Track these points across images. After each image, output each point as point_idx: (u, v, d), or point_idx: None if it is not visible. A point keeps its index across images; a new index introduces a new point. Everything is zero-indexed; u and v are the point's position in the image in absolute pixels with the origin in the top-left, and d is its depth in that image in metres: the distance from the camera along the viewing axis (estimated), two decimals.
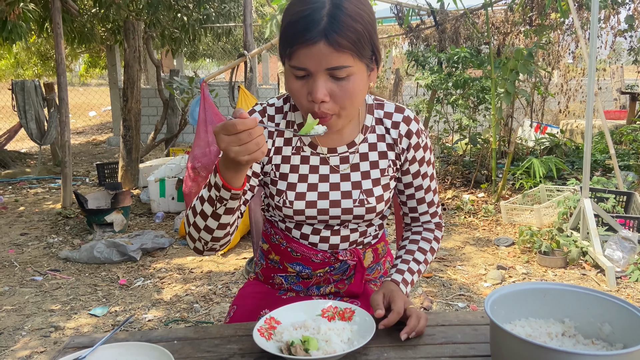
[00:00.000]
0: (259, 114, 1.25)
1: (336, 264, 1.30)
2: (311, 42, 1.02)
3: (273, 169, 1.25)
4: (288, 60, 1.07)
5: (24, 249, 4.12)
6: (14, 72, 13.12)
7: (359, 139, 1.24)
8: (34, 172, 6.94)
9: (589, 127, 3.49)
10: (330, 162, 1.24)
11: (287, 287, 1.36)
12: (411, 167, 1.27)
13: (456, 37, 6.19)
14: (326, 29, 1.02)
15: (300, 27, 1.03)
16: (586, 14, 5.69)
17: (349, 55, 1.05)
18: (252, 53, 4.67)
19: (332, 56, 1.03)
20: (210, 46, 13.72)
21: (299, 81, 1.09)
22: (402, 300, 1.14)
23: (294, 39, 1.04)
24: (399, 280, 1.22)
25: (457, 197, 5.23)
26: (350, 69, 1.06)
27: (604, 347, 0.97)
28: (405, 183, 1.31)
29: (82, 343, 1.10)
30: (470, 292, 3.22)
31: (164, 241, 4.07)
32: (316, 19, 1.02)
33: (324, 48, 1.02)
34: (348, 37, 1.03)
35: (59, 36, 5.08)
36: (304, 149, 1.24)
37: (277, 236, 1.32)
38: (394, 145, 1.25)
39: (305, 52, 1.04)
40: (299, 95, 1.10)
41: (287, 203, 1.23)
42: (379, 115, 1.26)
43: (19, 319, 2.96)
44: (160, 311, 3.03)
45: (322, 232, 1.27)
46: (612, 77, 9.86)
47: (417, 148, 1.26)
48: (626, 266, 3.37)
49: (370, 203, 1.23)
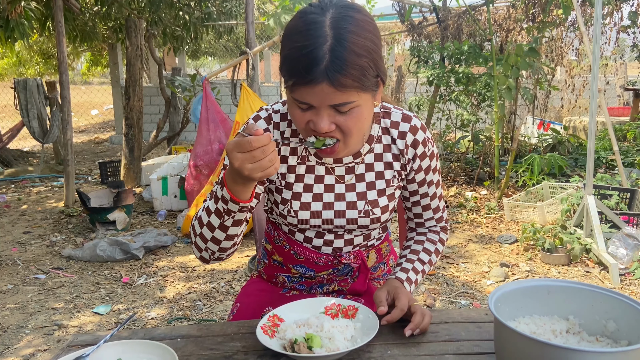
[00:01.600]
0: (264, 121, 1.22)
1: (339, 266, 1.30)
2: (313, 83, 0.98)
3: (278, 177, 1.23)
4: (290, 91, 1.04)
5: (27, 248, 4.13)
6: (16, 70, 13.14)
7: (365, 149, 1.22)
8: (36, 170, 6.95)
9: (593, 124, 3.48)
10: (335, 173, 1.22)
11: (290, 285, 1.36)
12: (417, 176, 1.26)
13: (458, 34, 6.17)
14: (328, 69, 0.97)
15: (301, 65, 0.98)
16: (589, 10, 5.67)
17: (354, 92, 1.01)
18: (254, 51, 4.66)
19: (335, 95, 1.00)
20: (212, 44, 13.71)
21: (302, 111, 1.05)
22: (407, 297, 1.14)
23: (296, 76, 1.00)
24: (404, 278, 1.21)
25: (460, 195, 5.22)
26: (354, 103, 1.03)
27: (609, 345, 0.96)
28: (411, 191, 1.30)
29: (85, 341, 1.10)
30: (473, 289, 3.21)
31: (167, 239, 4.07)
32: (318, 57, 0.97)
33: (326, 88, 0.99)
34: (351, 76, 0.99)
35: (61, 34, 5.08)
36: (309, 158, 1.23)
37: (280, 238, 1.32)
38: (400, 156, 1.23)
39: (308, 91, 1.00)
40: (302, 122, 1.07)
41: (291, 212, 1.22)
42: (385, 125, 1.23)
43: (22, 317, 2.97)
44: (163, 309, 3.03)
45: (326, 235, 1.27)
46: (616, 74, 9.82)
47: (423, 157, 1.24)
48: (630, 263, 3.35)
49: (375, 214, 1.23)
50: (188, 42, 8.08)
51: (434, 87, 5.92)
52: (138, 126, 5.85)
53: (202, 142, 4.57)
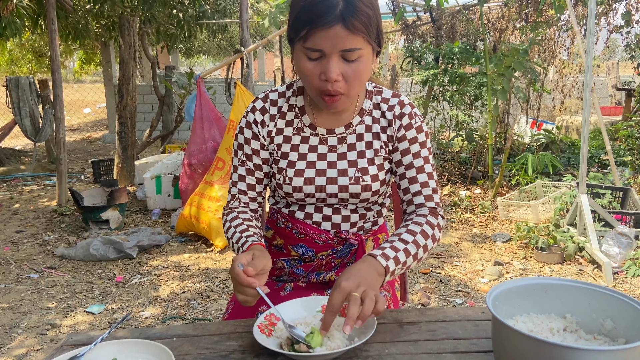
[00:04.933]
0: (261, 101, 1.33)
1: (339, 246, 1.33)
2: (328, 25, 1.09)
3: (275, 148, 1.32)
4: (303, 42, 1.13)
5: (20, 247, 4.09)
6: (8, 68, 13.04)
7: (356, 120, 1.31)
8: (28, 169, 6.90)
9: (586, 124, 3.50)
10: (328, 143, 1.30)
11: (289, 270, 1.37)
12: (400, 144, 1.30)
13: (452, 34, 6.18)
14: (343, 12, 1.08)
15: (318, 10, 1.09)
16: (582, 9, 5.70)
17: (361, 38, 1.12)
18: (249, 49, 4.65)
19: (347, 39, 1.10)
20: (206, 43, 13.66)
21: (312, 62, 1.14)
22: (336, 294, 1.03)
23: (311, 22, 1.10)
24: (377, 255, 1.12)
25: (454, 194, 5.24)
26: (361, 51, 1.13)
27: (606, 343, 0.96)
28: (396, 161, 1.31)
29: (79, 341, 1.09)
30: (467, 288, 3.22)
31: (161, 238, 4.05)
32: (333, 3, 1.09)
33: (340, 31, 1.09)
34: (362, 21, 1.10)
35: (53, 32, 5.04)
36: (304, 129, 1.31)
37: (282, 219, 1.37)
38: (387, 127, 1.31)
39: (322, 35, 1.10)
40: (312, 75, 1.15)
41: (286, 180, 1.29)
42: (376, 101, 1.33)
43: (15, 317, 2.95)
44: (158, 308, 3.02)
45: (324, 210, 1.32)
46: (608, 74, 9.88)
47: (408, 128, 1.29)
48: (623, 262, 3.37)
49: (365, 181, 1.27)
50: (182, 40, 8.05)
51: (427, 87, 5.93)
52: (131, 124, 5.82)
53: (196, 140, 4.55)
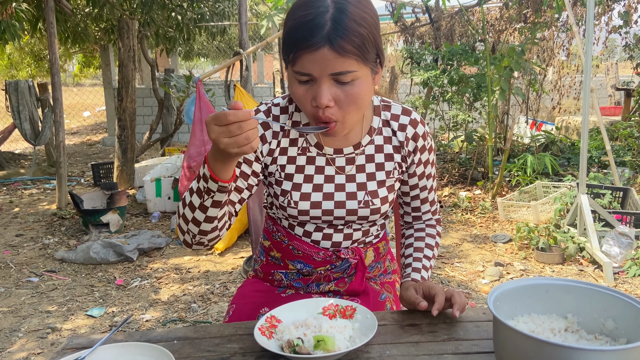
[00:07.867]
0: (263, 114, 1.23)
1: (337, 262, 1.30)
2: (315, 47, 1.01)
3: (278, 169, 1.23)
4: (291, 65, 1.06)
5: (20, 250, 4.09)
6: (8, 72, 13.04)
7: (366, 140, 1.24)
8: (28, 172, 6.90)
9: (586, 124, 3.50)
10: (335, 164, 1.23)
11: (287, 283, 1.35)
12: (417, 169, 1.29)
13: (451, 35, 6.19)
14: (330, 33, 1.00)
15: (303, 32, 1.02)
16: (580, 10, 5.70)
17: (354, 60, 1.03)
18: (248, 51, 4.65)
19: (337, 61, 1.02)
20: (205, 45, 13.68)
21: (303, 86, 1.07)
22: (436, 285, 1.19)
23: (297, 44, 1.03)
24: (418, 278, 1.26)
25: (454, 195, 5.23)
26: (354, 74, 1.05)
27: (608, 342, 0.96)
28: (412, 185, 1.33)
29: (80, 344, 1.09)
30: (468, 288, 3.22)
31: (161, 241, 4.05)
32: (320, 23, 1.01)
33: (328, 53, 1.01)
34: (352, 42, 1.02)
35: (52, 36, 5.04)
36: (309, 149, 1.23)
37: (279, 233, 1.32)
38: (401, 148, 1.26)
39: (309, 58, 1.02)
40: (303, 100, 1.09)
41: (291, 203, 1.22)
42: (385, 117, 1.26)
43: (15, 321, 2.94)
44: (158, 311, 3.01)
45: (325, 230, 1.27)
46: (607, 74, 9.89)
47: (422, 150, 1.27)
48: (623, 262, 3.37)
49: (375, 205, 1.24)
50: (181, 43, 8.04)
51: (427, 88, 5.93)
52: (131, 127, 5.82)
53: (195, 143, 4.54)
